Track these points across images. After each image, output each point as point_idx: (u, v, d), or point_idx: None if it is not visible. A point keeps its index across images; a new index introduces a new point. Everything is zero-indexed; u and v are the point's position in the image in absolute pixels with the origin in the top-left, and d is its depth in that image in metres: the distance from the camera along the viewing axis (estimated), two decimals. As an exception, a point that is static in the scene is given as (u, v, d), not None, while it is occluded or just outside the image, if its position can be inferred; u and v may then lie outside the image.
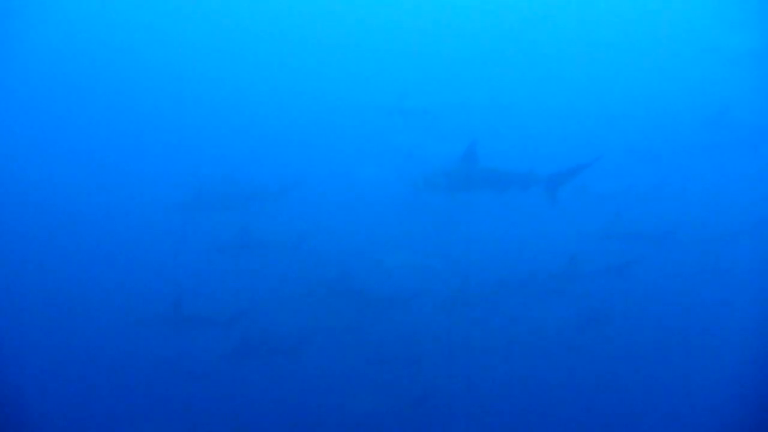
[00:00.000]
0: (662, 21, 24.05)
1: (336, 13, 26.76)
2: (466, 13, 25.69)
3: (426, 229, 14.72)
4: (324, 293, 12.44)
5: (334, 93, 22.27)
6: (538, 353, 12.04)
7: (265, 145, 19.46)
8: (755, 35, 17.48)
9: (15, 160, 17.84)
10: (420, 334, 12.24)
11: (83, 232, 15.47)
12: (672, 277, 13.84)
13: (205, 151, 19.06)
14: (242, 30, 26.48)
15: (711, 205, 15.63)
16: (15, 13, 21.50)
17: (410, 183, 10.51)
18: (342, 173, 17.63)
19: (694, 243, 14.09)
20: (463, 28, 25.36)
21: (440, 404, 10.98)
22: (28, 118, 20.34)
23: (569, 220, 14.11)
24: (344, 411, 10.57)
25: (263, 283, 12.96)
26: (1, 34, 21.17)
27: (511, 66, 23.06)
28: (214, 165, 16.60)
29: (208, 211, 14.47)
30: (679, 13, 23.61)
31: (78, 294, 13.21)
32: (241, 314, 11.67)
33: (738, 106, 16.39)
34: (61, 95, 22.19)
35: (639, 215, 14.55)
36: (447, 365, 11.77)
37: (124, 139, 20.32)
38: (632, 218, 14.25)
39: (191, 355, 11.49)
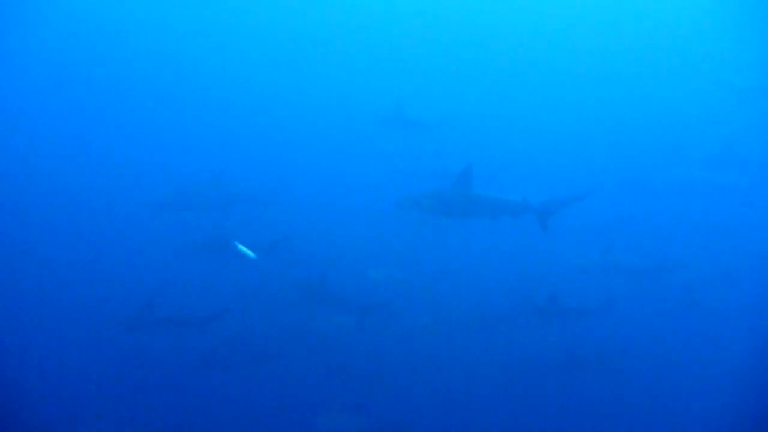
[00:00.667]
0: (667, 54, 23.92)
1: (328, 17, 26.53)
2: (464, 33, 25.50)
3: (410, 245, 14.42)
4: (302, 298, 12.24)
5: (328, 100, 22.09)
6: (518, 381, 11.82)
7: (252, 149, 19.16)
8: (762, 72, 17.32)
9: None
10: (397, 348, 12.01)
11: (60, 231, 15.20)
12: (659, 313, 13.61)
13: (190, 151, 18.70)
14: (236, 31, 26.19)
15: (706, 243, 15.34)
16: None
17: (399, 203, 10.25)
18: (331, 181, 17.40)
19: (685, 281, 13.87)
20: (464, 46, 25.12)
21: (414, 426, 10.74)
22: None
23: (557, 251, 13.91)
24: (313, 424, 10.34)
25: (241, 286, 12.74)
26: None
27: (514, 89, 22.72)
28: (198, 165, 16.20)
29: (188, 211, 14.19)
30: (685, 46, 23.45)
31: (52, 293, 13.00)
32: (216, 317, 11.36)
33: (743, 142, 16.21)
34: (41, 93, 21.61)
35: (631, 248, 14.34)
36: (423, 386, 11.52)
37: (106, 137, 19.83)
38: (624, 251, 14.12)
39: (165, 357, 11.24)
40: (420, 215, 10.20)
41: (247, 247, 12.57)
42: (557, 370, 11.86)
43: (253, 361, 11.26)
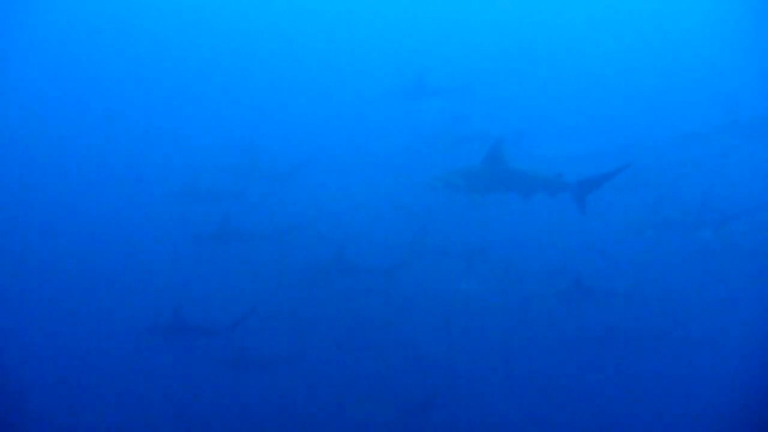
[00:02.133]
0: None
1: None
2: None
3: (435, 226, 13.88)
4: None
5: (344, 76, 21.53)
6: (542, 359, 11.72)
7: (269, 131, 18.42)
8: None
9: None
10: (421, 334, 11.87)
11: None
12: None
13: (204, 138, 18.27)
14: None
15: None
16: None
17: (430, 183, 9.85)
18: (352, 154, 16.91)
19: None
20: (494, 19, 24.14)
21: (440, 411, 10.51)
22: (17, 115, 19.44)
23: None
24: (344, 417, 10.22)
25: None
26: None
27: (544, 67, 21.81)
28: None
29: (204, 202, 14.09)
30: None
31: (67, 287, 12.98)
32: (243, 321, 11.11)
33: None
34: (49, 89, 21.22)
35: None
36: (449, 368, 11.41)
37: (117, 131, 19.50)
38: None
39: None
40: (452, 194, 9.85)
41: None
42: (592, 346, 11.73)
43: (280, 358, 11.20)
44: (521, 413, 10.48)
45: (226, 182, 14.87)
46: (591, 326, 11.99)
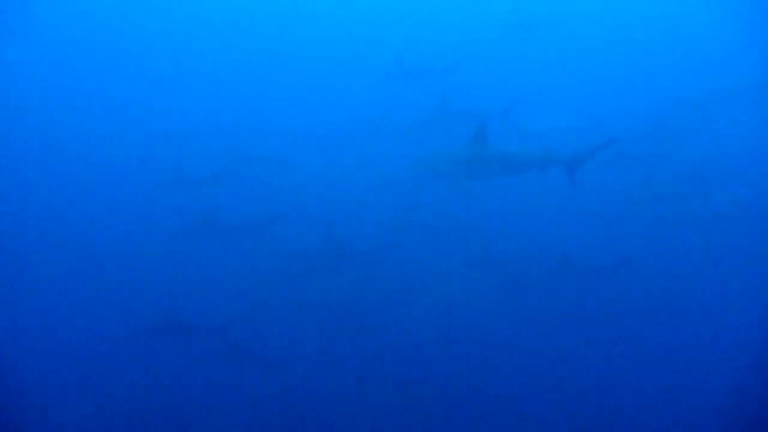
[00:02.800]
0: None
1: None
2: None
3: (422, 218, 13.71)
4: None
5: (330, 59, 21.12)
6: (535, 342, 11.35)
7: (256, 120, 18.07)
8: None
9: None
10: (412, 322, 11.61)
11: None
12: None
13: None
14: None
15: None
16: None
17: (412, 169, 9.61)
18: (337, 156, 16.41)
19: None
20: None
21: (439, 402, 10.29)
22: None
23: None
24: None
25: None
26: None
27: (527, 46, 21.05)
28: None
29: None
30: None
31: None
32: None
33: None
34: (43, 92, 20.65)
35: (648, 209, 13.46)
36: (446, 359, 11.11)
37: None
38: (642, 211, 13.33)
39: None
40: (439, 180, 9.58)
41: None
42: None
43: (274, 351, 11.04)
44: (513, 394, 10.25)
45: (211, 167, 14.74)
46: (580, 304, 11.78)
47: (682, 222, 13.10)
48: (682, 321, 11.52)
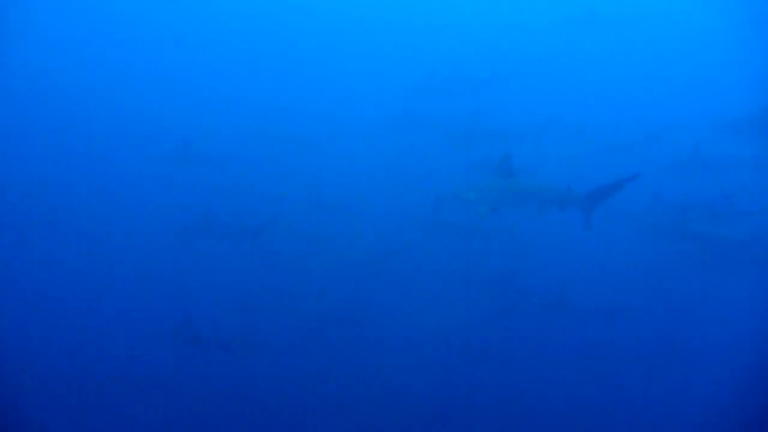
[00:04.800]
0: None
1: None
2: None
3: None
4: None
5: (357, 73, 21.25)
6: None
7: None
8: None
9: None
10: (411, 335, 11.82)
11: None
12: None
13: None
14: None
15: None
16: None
17: (440, 198, 9.96)
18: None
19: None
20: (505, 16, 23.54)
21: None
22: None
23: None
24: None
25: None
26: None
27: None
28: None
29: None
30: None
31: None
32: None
33: None
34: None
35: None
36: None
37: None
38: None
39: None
40: (462, 209, 9.92)
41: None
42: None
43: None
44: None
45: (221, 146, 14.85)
46: (574, 344, 11.77)
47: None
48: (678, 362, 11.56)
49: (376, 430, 9.81)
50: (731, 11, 21.02)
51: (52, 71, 20.50)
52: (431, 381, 10.83)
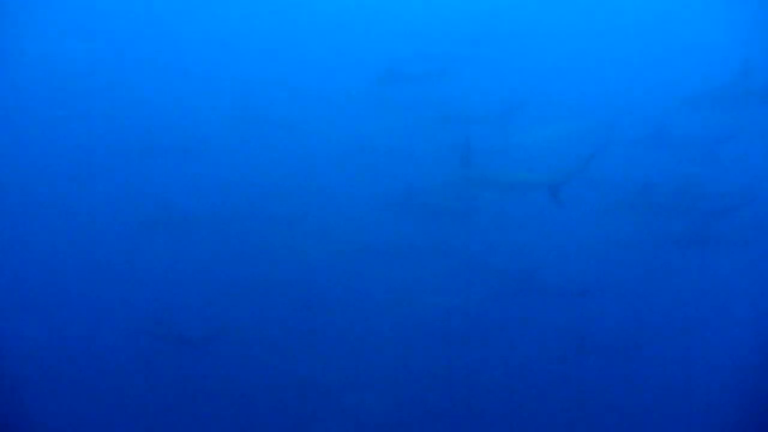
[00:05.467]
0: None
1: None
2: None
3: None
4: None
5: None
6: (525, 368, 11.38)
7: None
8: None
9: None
10: (392, 325, 11.70)
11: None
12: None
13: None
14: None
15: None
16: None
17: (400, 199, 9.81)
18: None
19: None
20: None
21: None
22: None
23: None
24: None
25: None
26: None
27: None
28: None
29: None
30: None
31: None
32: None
33: None
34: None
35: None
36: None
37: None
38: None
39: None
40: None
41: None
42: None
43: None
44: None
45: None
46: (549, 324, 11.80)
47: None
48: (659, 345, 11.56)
49: (360, 421, 9.84)
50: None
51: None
52: (412, 368, 10.79)
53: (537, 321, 11.91)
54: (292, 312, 11.92)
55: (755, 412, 9.44)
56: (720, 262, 12.77)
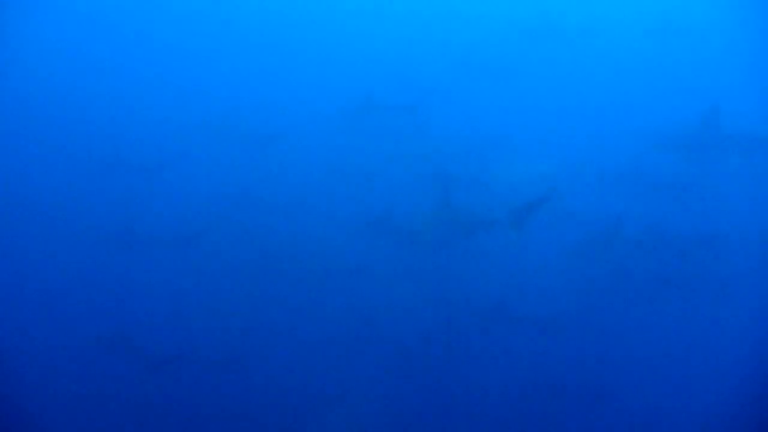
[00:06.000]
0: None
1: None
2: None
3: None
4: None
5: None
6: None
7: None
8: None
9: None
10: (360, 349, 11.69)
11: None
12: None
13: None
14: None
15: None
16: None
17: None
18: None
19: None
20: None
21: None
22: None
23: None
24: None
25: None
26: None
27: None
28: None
29: None
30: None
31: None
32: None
33: None
34: None
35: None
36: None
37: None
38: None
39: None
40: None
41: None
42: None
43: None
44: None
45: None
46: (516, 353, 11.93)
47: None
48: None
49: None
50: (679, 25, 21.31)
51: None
52: (377, 393, 10.82)
53: (506, 351, 11.98)
54: (259, 332, 11.87)
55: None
56: (686, 302, 12.89)
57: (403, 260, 13.01)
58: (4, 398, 10.15)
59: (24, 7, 21.10)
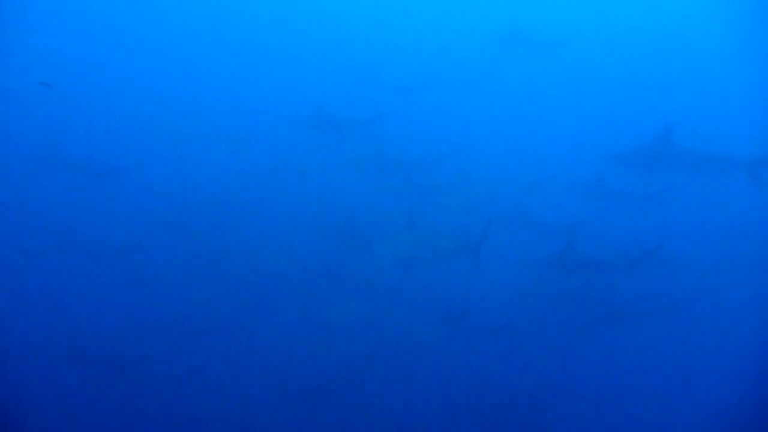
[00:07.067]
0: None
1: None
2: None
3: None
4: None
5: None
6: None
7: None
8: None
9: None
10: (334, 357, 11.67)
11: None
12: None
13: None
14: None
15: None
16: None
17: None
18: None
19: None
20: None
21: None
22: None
23: None
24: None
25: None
26: None
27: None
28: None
29: None
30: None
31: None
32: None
33: None
34: None
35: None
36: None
37: None
38: None
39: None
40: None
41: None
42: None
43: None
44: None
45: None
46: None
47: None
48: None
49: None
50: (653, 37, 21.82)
51: None
52: (333, 405, 10.83)
53: (466, 356, 12.16)
54: (215, 335, 11.86)
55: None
56: (637, 315, 13.08)
57: (364, 267, 13.03)
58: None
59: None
